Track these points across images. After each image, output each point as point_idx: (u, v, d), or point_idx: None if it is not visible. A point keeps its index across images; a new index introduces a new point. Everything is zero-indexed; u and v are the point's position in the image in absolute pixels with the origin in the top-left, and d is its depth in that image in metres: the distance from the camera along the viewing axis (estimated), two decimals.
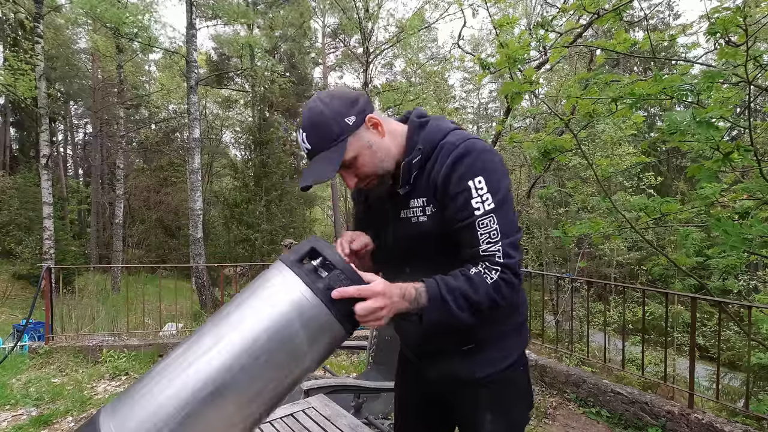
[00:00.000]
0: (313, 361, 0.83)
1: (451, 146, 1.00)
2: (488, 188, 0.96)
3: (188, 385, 0.74)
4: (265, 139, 19.40)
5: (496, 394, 1.13)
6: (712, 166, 2.61)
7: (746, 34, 2.37)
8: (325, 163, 0.97)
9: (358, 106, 1.01)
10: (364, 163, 1.02)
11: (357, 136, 1.00)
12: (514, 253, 0.95)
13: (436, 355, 1.17)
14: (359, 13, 12.14)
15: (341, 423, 1.25)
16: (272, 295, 0.82)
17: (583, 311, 8.92)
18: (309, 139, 0.99)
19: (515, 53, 3.08)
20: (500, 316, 1.11)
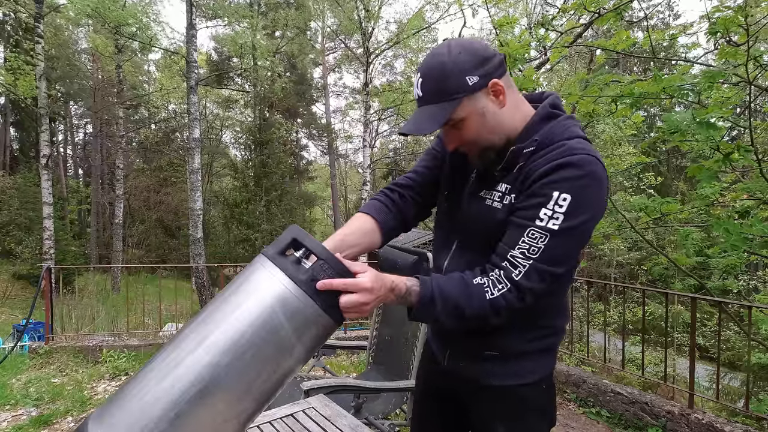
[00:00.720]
0: (304, 352, 0.82)
1: (568, 151, 0.89)
2: (567, 210, 0.86)
3: (175, 385, 0.74)
4: (265, 139, 19.41)
5: (513, 407, 1.08)
6: (712, 166, 2.61)
7: (747, 34, 2.37)
8: (429, 118, 0.91)
9: (487, 67, 0.91)
10: (471, 128, 0.94)
11: (473, 99, 0.92)
12: (536, 280, 0.87)
13: (459, 347, 1.13)
14: (359, 13, 12.14)
15: (341, 423, 1.25)
16: (255, 289, 0.80)
17: (583, 311, 8.91)
18: (423, 86, 0.92)
19: (516, 53, 3.08)
20: (538, 334, 1.05)
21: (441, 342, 1.19)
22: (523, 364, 1.06)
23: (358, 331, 5.76)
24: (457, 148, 1.00)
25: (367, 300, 0.83)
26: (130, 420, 0.73)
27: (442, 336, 1.18)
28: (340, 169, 31.03)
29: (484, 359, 1.07)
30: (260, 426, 1.30)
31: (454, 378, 1.14)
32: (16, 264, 15.55)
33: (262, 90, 19.06)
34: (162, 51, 14.24)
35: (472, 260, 1.01)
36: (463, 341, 1.10)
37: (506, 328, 1.01)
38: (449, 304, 0.89)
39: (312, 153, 30.70)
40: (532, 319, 1.03)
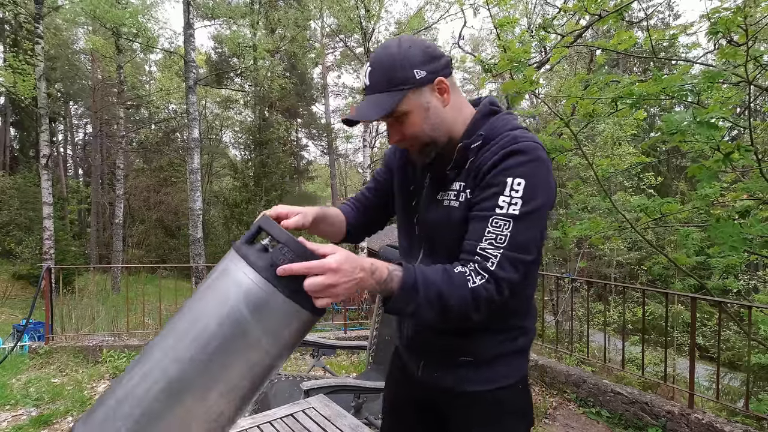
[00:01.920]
0: (276, 345, 0.78)
1: (512, 140, 0.93)
2: (523, 194, 0.88)
3: (142, 382, 0.73)
4: (265, 139, 19.41)
5: (491, 412, 1.07)
6: (712, 166, 2.61)
7: (746, 35, 2.37)
8: (375, 105, 0.93)
9: (434, 65, 0.95)
10: (414, 122, 0.96)
11: (419, 93, 0.95)
12: (510, 270, 0.86)
13: (431, 355, 1.12)
14: (360, 13, 12.14)
15: (341, 423, 1.25)
16: (217, 279, 0.79)
17: (583, 311, 8.91)
18: (371, 76, 0.95)
19: (517, 56, 3.08)
20: (510, 336, 1.06)
21: (414, 352, 1.17)
22: (498, 367, 1.06)
23: (358, 331, 5.76)
24: (399, 141, 1.01)
25: (335, 281, 0.76)
26: (102, 418, 0.73)
27: (415, 346, 1.16)
28: (340, 169, 31.04)
29: (458, 366, 1.06)
30: (260, 426, 1.30)
31: (430, 388, 1.12)
32: (16, 264, 15.55)
33: (262, 90, 19.06)
34: (161, 51, 14.23)
35: (444, 256, 1.01)
36: (436, 349, 1.09)
37: (478, 332, 1.03)
38: (432, 291, 0.84)
39: (312, 153, 30.70)
40: (503, 321, 1.04)
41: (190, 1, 10.15)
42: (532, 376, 4.14)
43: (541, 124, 11.08)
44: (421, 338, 1.12)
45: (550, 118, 8.79)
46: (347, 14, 12.56)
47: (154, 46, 12.55)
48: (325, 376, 3.40)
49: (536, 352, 4.55)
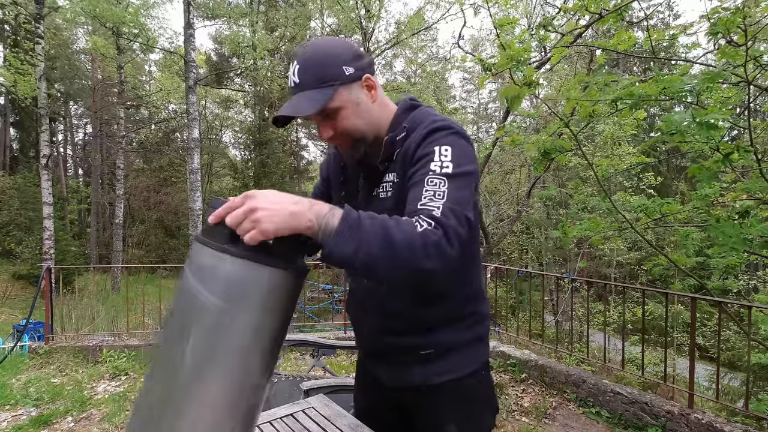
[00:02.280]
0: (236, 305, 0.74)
1: (432, 121, 0.98)
2: (452, 158, 0.90)
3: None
4: (265, 139, 19.41)
5: (458, 403, 1.08)
6: (712, 166, 2.61)
7: (746, 35, 2.37)
8: (308, 100, 0.93)
9: (361, 62, 0.99)
10: (347, 117, 0.98)
11: (349, 89, 0.97)
12: (454, 219, 0.82)
13: (392, 356, 1.12)
14: (360, 13, 12.14)
15: (341, 423, 1.25)
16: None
17: (583, 311, 8.92)
18: (299, 74, 0.95)
19: (517, 55, 3.08)
20: (467, 323, 1.08)
21: (375, 356, 1.18)
22: (460, 355, 1.08)
23: None
24: (331, 138, 1.02)
25: (254, 205, 0.72)
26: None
27: (375, 348, 1.17)
28: None
29: (420, 360, 1.07)
30: (260, 426, 1.30)
31: (398, 389, 1.13)
32: (16, 264, 15.55)
33: (262, 90, 19.06)
34: (161, 51, 14.23)
35: None
36: (397, 349, 1.10)
37: (437, 324, 1.06)
38: (377, 227, 0.77)
39: (312, 153, 30.67)
40: (459, 309, 1.08)
41: (191, 1, 10.15)
42: (532, 376, 4.14)
43: (541, 124, 11.08)
44: (380, 339, 1.12)
45: (550, 118, 8.80)
46: (347, 14, 12.56)
47: (154, 45, 12.54)
48: (325, 376, 3.40)
49: (536, 352, 4.55)
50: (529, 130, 11.36)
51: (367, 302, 1.13)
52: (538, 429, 3.31)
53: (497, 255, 16.73)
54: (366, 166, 1.09)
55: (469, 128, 29.29)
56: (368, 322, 1.15)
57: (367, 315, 1.14)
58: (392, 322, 1.08)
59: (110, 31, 13.00)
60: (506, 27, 3.55)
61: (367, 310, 1.14)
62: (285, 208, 0.74)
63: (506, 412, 3.56)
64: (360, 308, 1.17)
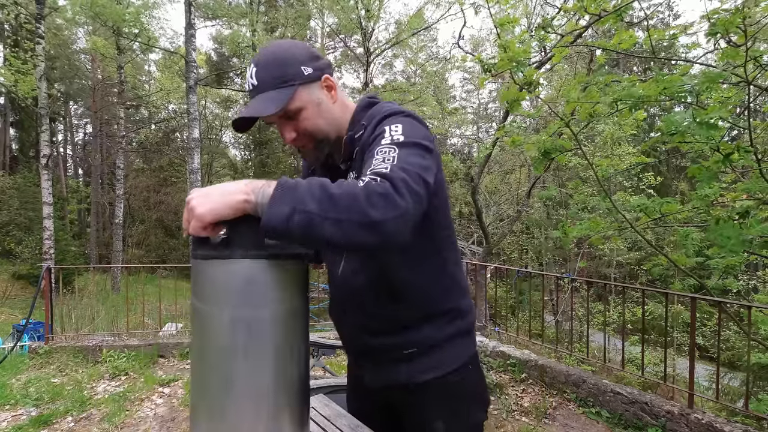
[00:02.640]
0: (225, 308, 0.75)
1: (384, 111, 0.97)
2: (402, 131, 0.88)
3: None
4: (265, 139, 19.42)
5: (444, 400, 1.07)
6: (712, 166, 2.61)
7: (745, 35, 2.37)
8: (268, 102, 0.92)
9: (319, 63, 0.98)
10: (308, 118, 0.97)
11: (308, 89, 0.96)
12: (402, 173, 0.77)
13: (376, 356, 1.10)
14: (360, 13, 12.14)
15: (341, 423, 1.25)
16: None
17: (583, 311, 8.92)
18: (257, 75, 0.94)
19: (517, 56, 3.08)
20: (447, 319, 1.06)
21: (360, 356, 1.17)
22: (444, 352, 1.06)
23: None
24: (294, 140, 1.00)
25: (188, 199, 0.74)
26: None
27: (358, 349, 1.16)
28: None
29: (405, 359, 1.06)
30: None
31: (384, 388, 1.12)
32: (15, 264, 15.55)
33: None
34: (162, 51, 14.23)
35: (362, 259, 1.03)
36: (379, 349, 1.08)
37: (415, 322, 1.04)
38: (314, 183, 0.73)
39: None
40: (436, 305, 1.05)
41: (192, 2, 10.15)
42: (532, 376, 4.14)
43: (541, 124, 11.08)
44: (361, 341, 1.11)
45: (550, 118, 8.79)
46: (347, 14, 12.56)
47: (155, 45, 12.54)
48: (324, 375, 3.40)
49: (536, 352, 4.56)
50: (529, 130, 11.36)
51: (346, 304, 1.12)
52: (538, 429, 3.31)
53: (497, 255, 16.73)
54: (331, 169, 1.08)
55: (469, 128, 29.29)
56: (348, 324, 1.14)
57: (346, 317, 1.14)
58: (370, 322, 1.07)
59: (111, 30, 12.99)
60: (507, 26, 3.55)
61: (346, 311, 1.13)
62: (216, 191, 0.74)
63: (506, 412, 3.56)
64: (340, 311, 1.16)
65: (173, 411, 3.57)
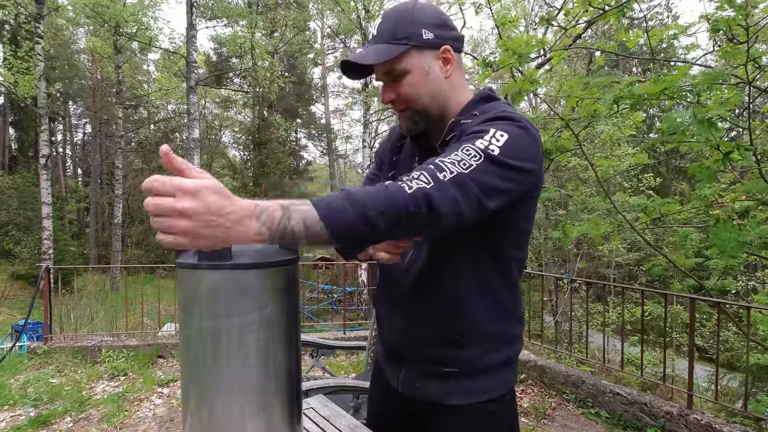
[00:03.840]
0: (194, 317, 0.74)
1: (501, 111, 0.89)
2: (504, 145, 0.78)
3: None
4: (264, 139, 19.40)
5: (479, 426, 1.00)
6: (712, 165, 2.61)
7: (747, 33, 2.37)
8: (374, 52, 0.89)
9: (445, 32, 0.92)
10: (412, 83, 0.92)
11: (422, 54, 0.91)
12: (461, 190, 0.73)
13: (414, 364, 1.05)
14: (359, 13, 12.15)
15: (340, 423, 1.25)
16: None
17: (582, 312, 8.92)
18: (380, 26, 0.92)
19: (520, 49, 3.06)
20: (495, 344, 1.00)
21: (396, 361, 1.10)
22: (484, 380, 1.00)
23: (357, 331, 5.76)
24: (392, 101, 0.96)
25: (186, 208, 0.57)
26: None
27: (398, 355, 1.09)
28: (339, 170, 31.02)
29: (442, 377, 1.00)
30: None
31: (412, 400, 1.06)
32: (14, 264, 15.54)
33: (261, 90, 19.07)
34: (162, 51, 14.23)
35: (436, 248, 0.97)
36: (420, 359, 1.03)
37: (463, 342, 0.98)
38: (358, 200, 0.68)
39: (311, 153, 30.70)
40: (489, 327, 0.99)
41: (193, 2, 10.15)
42: (531, 377, 4.14)
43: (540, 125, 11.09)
44: (406, 346, 1.06)
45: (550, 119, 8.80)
46: (347, 15, 12.57)
47: (155, 45, 12.54)
48: (324, 376, 3.40)
49: (535, 353, 4.55)
50: None
51: (402, 298, 1.04)
52: (537, 429, 3.31)
53: None
54: (423, 148, 1.02)
55: None
56: (397, 325, 1.07)
57: (397, 316, 1.07)
58: (422, 326, 1.01)
59: (111, 30, 12.99)
60: (507, 26, 3.55)
61: (399, 308, 1.06)
62: (226, 218, 0.60)
63: None
64: (391, 307, 1.09)
65: (172, 411, 3.56)
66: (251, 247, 0.78)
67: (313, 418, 1.30)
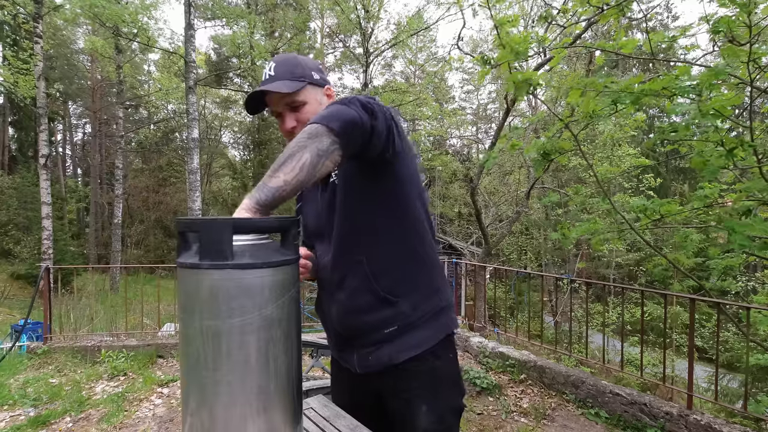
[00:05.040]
0: (191, 316, 0.75)
1: None
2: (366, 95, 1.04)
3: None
4: (264, 139, 19.42)
5: (425, 382, 1.15)
6: (715, 161, 2.60)
7: (750, 32, 2.37)
8: (283, 84, 1.11)
9: (324, 76, 1.20)
10: (310, 112, 1.14)
11: (315, 90, 1.17)
12: (363, 102, 0.98)
13: (359, 340, 1.17)
14: (359, 14, 12.15)
15: (340, 424, 1.25)
16: None
17: (582, 312, 8.92)
18: (276, 68, 1.14)
19: (518, 46, 3.05)
20: (422, 296, 1.15)
21: (346, 348, 1.23)
22: (424, 330, 1.15)
23: None
24: (293, 129, 1.14)
25: None
26: None
27: (345, 342, 1.22)
28: None
29: (388, 340, 1.14)
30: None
31: (371, 379, 1.19)
32: (14, 264, 15.54)
33: None
34: (161, 51, 14.22)
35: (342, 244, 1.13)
36: (363, 329, 1.15)
37: (392, 297, 1.12)
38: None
39: None
40: (411, 281, 1.14)
41: (191, 2, 10.15)
42: (531, 377, 4.13)
43: (540, 125, 11.09)
44: (348, 327, 1.18)
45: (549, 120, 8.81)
46: (347, 15, 12.58)
47: (154, 45, 12.54)
48: (323, 376, 3.39)
49: (535, 353, 4.55)
50: (528, 131, 11.37)
51: (332, 288, 1.19)
52: (537, 430, 3.31)
53: (496, 256, 16.73)
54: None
55: (469, 129, 29.30)
56: (332, 309, 1.20)
57: (331, 303, 1.20)
58: (352, 302, 1.14)
59: (110, 31, 12.98)
60: (506, 26, 3.55)
61: (332, 296, 1.20)
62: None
63: (505, 413, 3.56)
64: (326, 298, 1.23)
65: (172, 411, 3.56)
66: (252, 247, 0.78)
67: (313, 419, 1.30)
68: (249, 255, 0.76)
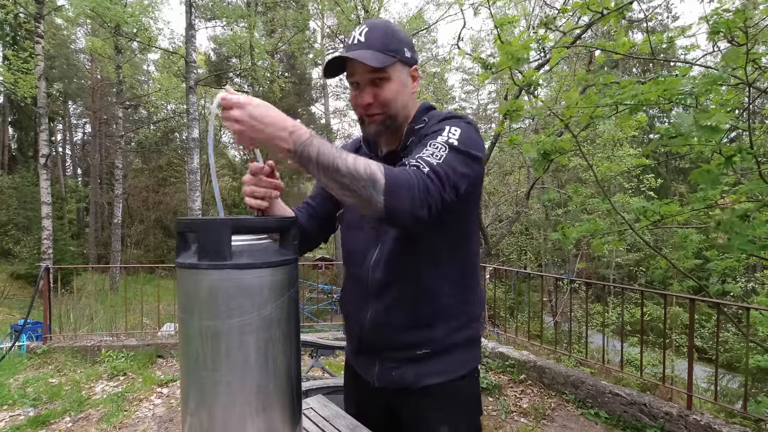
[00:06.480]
0: (190, 315, 0.75)
1: (449, 113, 1.07)
2: (460, 137, 0.94)
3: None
4: None
5: (450, 403, 1.10)
6: (714, 170, 2.59)
7: (746, 35, 2.37)
8: (372, 55, 0.98)
9: (415, 55, 1.09)
10: (391, 91, 1.03)
11: (402, 69, 1.05)
12: (441, 177, 0.86)
13: (387, 354, 1.11)
14: (359, 14, 12.15)
15: (340, 424, 1.25)
16: None
17: (582, 312, 8.92)
18: (368, 34, 1.01)
19: (517, 52, 3.06)
20: (460, 322, 1.10)
21: (368, 357, 1.16)
22: (455, 357, 1.09)
23: None
24: (368, 105, 1.04)
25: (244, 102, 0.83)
26: None
27: (368, 350, 1.15)
28: None
29: (417, 360, 1.08)
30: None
31: (387, 393, 1.13)
32: (14, 263, 15.54)
33: (261, 90, 19.07)
34: (162, 51, 14.22)
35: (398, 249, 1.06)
36: (393, 346, 1.10)
37: (431, 320, 1.07)
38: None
39: None
40: (454, 307, 1.09)
41: (192, 3, 10.15)
42: (531, 377, 4.14)
43: (540, 125, 11.09)
44: (378, 338, 1.12)
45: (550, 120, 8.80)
46: (347, 15, 12.57)
47: (154, 45, 12.55)
48: (323, 376, 3.39)
49: (535, 353, 4.55)
50: (528, 130, 11.37)
51: (369, 296, 1.11)
52: (537, 430, 3.31)
53: (496, 256, 16.72)
54: (377, 155, 1.15)
55: None
56: (365, 317, 1.13)
57: (366, 309, 1.12)
58: (390, 316, 1.08)
59: (110, 31, 12.98)
60: (506, 26, 3.55)
61: (367, 301, 1.12)
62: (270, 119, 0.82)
63: (505, 413, 3.56)
64: (359, 300, 1.15)
65: (171, 411, 3.56)
66: (251, 247, 0.78)
67: (313, 419, 1.30)
68: (248, 255, 0.76)
